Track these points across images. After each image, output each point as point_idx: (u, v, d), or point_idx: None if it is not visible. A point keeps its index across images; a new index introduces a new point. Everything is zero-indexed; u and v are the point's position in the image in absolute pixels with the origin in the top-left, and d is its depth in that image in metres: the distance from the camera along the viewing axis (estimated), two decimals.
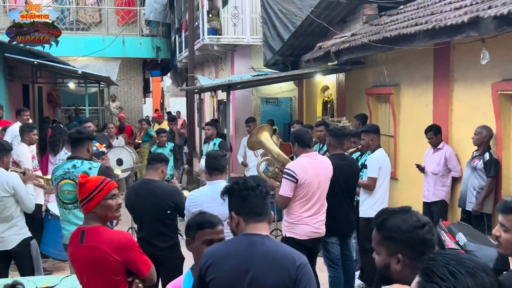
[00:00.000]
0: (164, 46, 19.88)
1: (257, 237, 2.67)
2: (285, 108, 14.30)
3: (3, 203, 5.23)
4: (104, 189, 3.34)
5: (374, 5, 9.18)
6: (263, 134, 6.10)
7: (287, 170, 5.25)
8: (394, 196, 7.69)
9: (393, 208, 2.32)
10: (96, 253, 3.26)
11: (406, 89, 8.03)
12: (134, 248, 3.36)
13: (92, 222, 3.34)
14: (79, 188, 3.33)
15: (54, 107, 18.74)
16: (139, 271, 3.37)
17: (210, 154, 4.81)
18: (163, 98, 32.84)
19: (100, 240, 3.28)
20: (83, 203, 3.33)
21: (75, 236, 3.38)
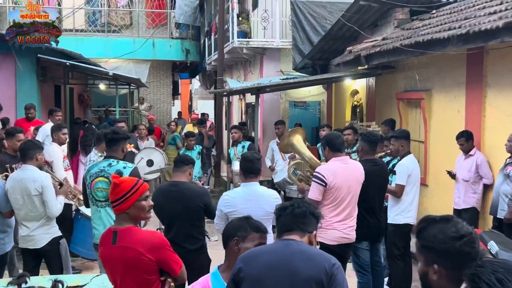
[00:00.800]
0: (193, 48, 20.01)
1: (291, 241, 2.83)
2: (313, 112, 14.24)
3: (33, 201, 5.32)
4: (138, 190, 3.37)
5: (406, 9, 9.10)
6: (295, 137, 6.10)
7: (316, 174, 5.23)
8: (424, 203, 7.60)
9: (435, 216, 2.26)
10: (130, 253, 3.28)
11: (437, 94, 7.93)
12: (166, 247, 3.39)
13: (124, 223, 3.37)
14: (114, 188, 3.34)
15: (85, 108, 19.00)
16: (171, 270, 3.41)
17: (246, 157, 4.83)
18: (191, 101, 33.02)
19: (134, 240, 3.30)
20: (117, 203, 3.34)
21: (106, 237, 3.41)
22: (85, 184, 5.15)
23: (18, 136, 6.79)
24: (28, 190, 5.30)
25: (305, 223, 2.92)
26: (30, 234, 5.37)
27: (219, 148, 14.38)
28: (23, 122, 9.69)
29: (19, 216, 5.39)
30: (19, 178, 5.36)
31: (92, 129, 10.23)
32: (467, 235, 2.12)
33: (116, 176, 3.41)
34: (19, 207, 5.34)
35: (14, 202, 5.35)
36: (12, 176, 5.50)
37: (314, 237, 2.92)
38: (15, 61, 11.92)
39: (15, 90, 12.08)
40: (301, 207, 2.96)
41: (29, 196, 5.31)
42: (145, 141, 11.35)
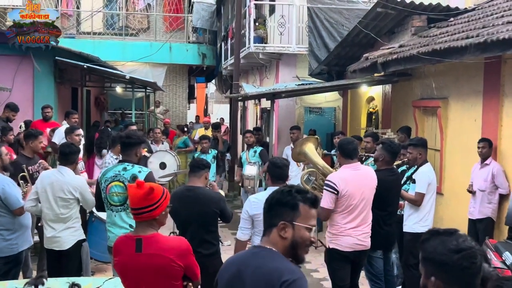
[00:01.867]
0: (210, 53, 20.08)
1: (259, 249, 2.58)
2: (328, 118, 14.21)
3: (65, 204, 5.38)
4: (167, 196, 3.38)
5: (423, 16, 9.05)
6: (308, 146, 6.09)
7: (328, 182, 5.24)
8: (439, 212, 7.54)
9: (440, 228, 2.24)
10: (160, 261, 3.25)
11: (454, 103, 7.87)
12: (191, 252, 3.40)
13: (149, 230, 3.32)
14: (147, 194, 3.26)
15: (101, 110, 19.15)
16: (194, 275, 3.43)
17: (276, 163, 4.87)
18: (207, 105, 33.13)
19: (162, 247, 3.28)
20: (150, 209, 3.27)
21: (126, 245, 3.34)
22: (100, 188, 5.18)
23: (40, 139, 6.89)
24: (62, 193, 5.35)
25: (271, 217, 2.57)
26: (56, 236, 5.42)
27: (233, 152, 14.40)
28: (40, 124, 9.79)
29: (46, 216, 5.42)
30: (54, 179, 5.40)
31: (108, 132, 10.31)
32: (466, 249, 2.08)
33: (142, 182, 3.32)
34: (48, 207, 5.38)
35: (44, 202, 5.39)
36: (46, 175, 5.52)
37: (280, 230, 2.51)
38: (33, 64, 12.05)
39: (32, 92, 12.22)
40: (268, 200, 2.61)
41: (61, 199, 5.36)
42: (160, 144, 11.39)
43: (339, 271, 5.36)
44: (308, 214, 2.53)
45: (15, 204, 5.46)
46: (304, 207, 2.52)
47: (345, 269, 5.35)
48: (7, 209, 5.44)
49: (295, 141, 10.20)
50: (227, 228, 10.03)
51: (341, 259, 5.30)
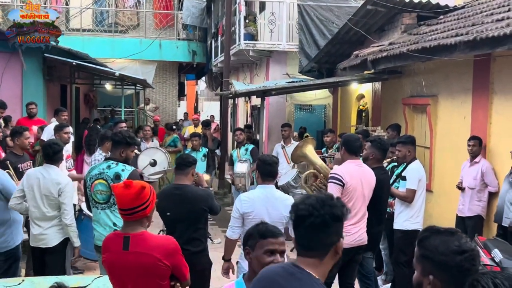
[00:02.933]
0: (200, 50, 20.03)
1: (297, 270, 2.26)
2: (318, 115, 14.22)
3: (51, 203, 5.34)
4: (154, 192, 3.36)
5: (413, 14, 9.07)
6: (307, 148, 6.11)
7: (333, 175, 5.19)
8: (428, 209, 7.56)
9: (440, 227, 2.23)
10: (146, 259, 3.23)
11: (444, 100, 7.90)
12: (179, 252, 3.38)
13: (138, 228, 3.30)
14: (139, 194, 3.22)
15: (91, 107, 19.05)
16: (182, 275, 3.41)
17: (265, 160, 4.84)
18: (197, 102, 33.07)
19: (150, 246, 3.25)
20: (141, 208, 3.24)
21: (114, 243, 3.32)
22: (86, 186, 5.15)
23: (26, 135, 6.81)
24: (48, 191, 5.31)
25: (328, 235, 2.25)
26: (42, 233, 5.38)
27: (223, 150, 14.37)
28: (25, 121, 9.68)
29: (33, 214, 5.38)
30: (41, 177, 5.36)
31: (97, 129, 10.24)
32: (468, 251, 2.09)
33: (130, 181, 3.28)
34: (35, 205, 5.34)
35: (30, 200, 5.35)
36: (31, 174, 5.47)
37: (339, 248, 2.26)
38: (21, 61, 11.95)
39: (21, 89, 12.12)
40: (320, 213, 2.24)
41: (47, 196, 5.33)
42: (150, 142, 11.34)
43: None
44: None
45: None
46: None
47: (336, 267, 5.35)
48: (2, 202, 5.40)
49: (286, 138, 10.21)
50: (218, 226, 10.02)
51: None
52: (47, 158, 5.50)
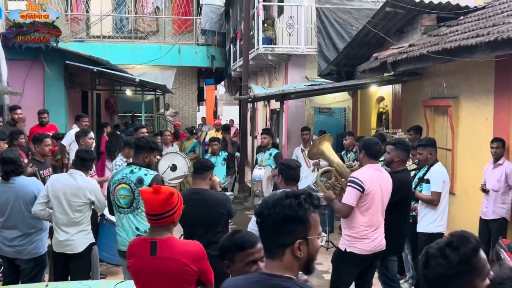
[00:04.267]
0: (219, 55, 20.09)
1: (262, 276, 2.20)
2: (338, 118, 14.16)
3: (79, 209, 5.39)
4: (181, 198, 3.37)
5: (433, 15, 9.00)
6: (325, 145, 6.04)
7: (353, 179, 5.10)
8: (451, 212, 7.47)
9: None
10: (174, 264, 3.23)
11: (465, 102, 7.82)
12: (205, 257, 3.40)
13: (165, 233, 3.31)
14: (167, 199, 3.22)
15: (112, 113, 19.21)
16: (207, 280, 3.41)
17: (289, 164, 4.87)
18: (216, 106, 33.16)
19: (177, 251, 3.25)
20: (170, 213, 3.25)
21: (141, 248, 3.32)
22: (109, 190, 5.19)
23: (46, 141, 6.87)
24: (76, 198, 5.36)
25: (280, 236, 2.16)
26: (69, 239, 5.41)
27: (243, 154, 14.38)
28: (37, 129, 9.73)
29: (59, 221, 5.40)
30: (67, 184, 5.40)
31: (117, 135, 10.32)
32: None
33: (158, 187, 3.27)
34: (61, 211, 5.38)
35: (57, 207, 5.38)
36: (57, 180, 5.51)
37: (296, 250, 2.14)
38: (43, 68, 12.11)
39: (43, 96, 12.29)
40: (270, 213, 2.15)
41: (76, 203, 5.37)
42: (170, 147, 11.40)
43: (347, 274, 5.30)
44: (317, 222, 2.20)
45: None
46: (313, 216, 2.18)
47: (353, 274, 5.31)
48: None
49: (307, 142, 10.19)
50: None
51: (356, 263, 5.22)
52: (78, 163, 5.55)
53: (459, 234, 2.06)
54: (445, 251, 2.01)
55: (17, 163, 5.45)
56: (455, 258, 1.98)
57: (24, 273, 5.51)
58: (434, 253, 2.03)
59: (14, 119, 9.29)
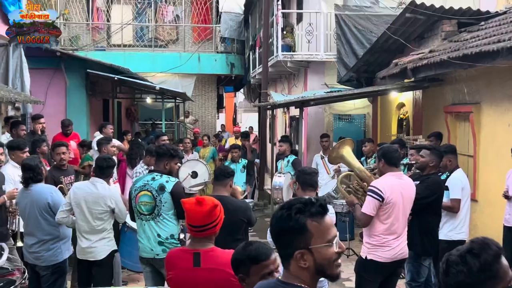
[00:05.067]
0: (238, 62, 20.18)
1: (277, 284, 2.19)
2: (358, 125, 14.10)
3: (100, 216, 5.44)
4: (222, 208, 3.36)
5: (453, 21, 8.94)
6: (345, 149, 5.99)
7: (373, 188, 5.07)
8: (473, 219, 7.40)
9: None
10: (219, 275, 3.23)
11: (487, 108, 7.74)
12: None
13: (208, 244, 3.32)
14: (211, 211, 3.23)
15: (132, 121, 19.38)
16: None
17: (304, 170, 4.91)
18: (235, 114, 33.27)
19: (222, 262, 3.23)
20: (212, 225, 3.26)
21: (183, 259, 3.32)
22: (131, 197, 5.24)
23: (58, 149, 7.00)
24: (97, 205, 5.42)
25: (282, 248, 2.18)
26: (91, 246, 5.48)
27: (262, 161, 14.39)
28: (60, 137, 9.82)
29: (81, 228, 5.48)
30: (89, 191, 5.47)
31: (138, 142, 10.40)
32: None
33: (202, 198, 3.27)
34: (83, 219, 5.44)
35: (78, 214, 5.44)
36: (79, 188, 5.59)
37: (298, 260, 2.11)
38: (65, 77, 12.27)
39: (65, 104, 12.45)
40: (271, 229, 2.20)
41: (97, 211, 5.43)
42: (190, 154, 11.46)
43: (368, 282, 5.26)
44: (322, 228, 2.11)
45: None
46: (312, 223, 2.10)
47: (375, 282, 5.27)
48: (52, 217, 5.54)
49: (326, 149, 10.16)
50: (258, 237, 10.02)
51: (378, 271, 5.19)
52: (98, 171, 5.62)
53: (480, 241, 2.03)
54: (465, 258, 1.98)
55: (35, 171, 5.53)
56: (476, 265, 1.95)
57: (43, 280, 5.58)
58: (455, 260, 2.01)
59: (35, 131, 9.35)
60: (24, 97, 9.48)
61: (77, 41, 19.62)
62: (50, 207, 5.52)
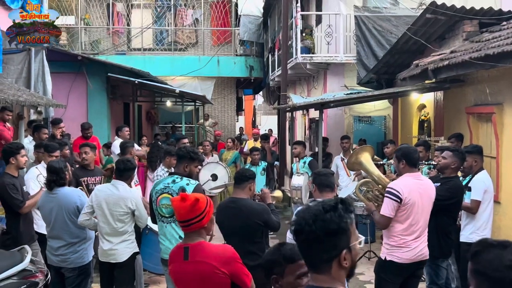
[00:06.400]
0: (257, 65, 20.20)
1: None
2: (378, 127, 14.01)
3: (121, 218, 5.49)
4: (211, 204, 3.49)
5: (474, 21, 8.84)
6: (363, 155, 5.96)
7: (390, 190, 5.07)
8: (496, 221, 7.30)
9: (492, 240, 2.16)
10: (204, 268, 3.35)
11: (509, 108, 7.63)
12: (237, 260, 3.48)
13: (196, 238, 3.44)
14: (193, 205, 3.37)
15: (152, 124, 19.51)
16: (243, 283, 3.47)
17: (319, 171, 4.91)
18: (255, 116, 33.29)
19: (207, 254, 3.38)
20: (198, 219, 3.39)
21: (177, 254, 3.48)
22: (152, 200, 5.28)
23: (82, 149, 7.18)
24: (118, 207, 5.46)
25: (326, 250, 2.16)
26: (113, 248, 5.53)
27: (282, 163, 14.37)
28: (80, 141, 9.90)
29: (103, 230, 5.53)
30: (110, 193, 5.52)
31: (158, 145, 10.47)
32: None
33: (185, 195, 3.44)
34: (104, 221, 5.49)
35: (100, 216, 5.50)
36: (100, 190, 5.64)
37: (342, 260, 2.15)
38: (86, 80, 12.40)
39: (86, 108, 12.58)
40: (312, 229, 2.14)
41: (118, 213, 5.47)
42: (210, 157, 11.49)
43: (388, 283, 5.23)
44: (354, 228, 2.21)
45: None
46: (351, 223, 2.18)
47: (395, 283, 5.23)
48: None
49: (347, 150, 10.12)
50: (278, 240, 10.01)
51: (396, 272, 5.17)
52: (117, 174, 5.67)
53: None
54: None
55: (59, 174, 5.60)
56: None
57: (68, 282, 5.63)
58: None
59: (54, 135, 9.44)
60: (46, 100, 9.59)
61: (98, 45, 19.82)
62: (79, 210, 5.58)
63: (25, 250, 5.58)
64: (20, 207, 5.97)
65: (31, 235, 6.24)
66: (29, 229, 6.22)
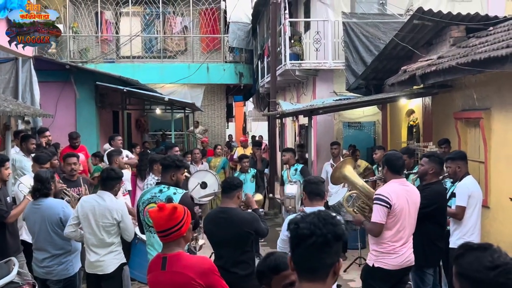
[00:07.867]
0: (246, 72, 20.21)
1: None
2: (368, 132, 14.05)
3: (108, 229, 5.42)
4: (189, 212, 3.49)
5: (461, 27, 8.89)
6: (346, 168, 5.98)
7: (379, 196, 5.08)
8: (486, 225, 7.32)
9: (474, 243, 2.22)
10: (180, 278, 3.34)
11: (497, 113, 7.67)
12: (215, 272, 3.46)
13: (175, 248, 3.43)
14: (171, 214, 3.37)
15: (142, 132, 19.44)
16: None
17: (310, 179, 4.88)
18: (245, 123, 33.29)
19: (184, 265, 3.36)
20: (176, 228, 3.38)
21: (155, 264, 3.49)
22: (139, 210, 5.24)
23: (69, 160, 7.04)
24: (104, 218, 5.39)
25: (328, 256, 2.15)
26: (100, 260, 5.46)
27: (272, 170, 14.36)
28: (68, 150, 9.81)
29: (89, 241, 5.46)
30: (95, 204, 5.43)
31: (147, 154, 10.41)
32: (502, 265, 2.07)
33: (163, 205, 3.44)
34: (90, 232, 5.42)
35: (86, 228, 5.42)
36: (86, 201, 5.55)
37: (338, 269, 2.17)
38: (74, 89, 12.34)
39: (75, 117, 12.51)
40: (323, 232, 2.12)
41: (104, 224, 5.39)
42: (200, 165, 11.44)
43: None
44: None
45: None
46: None
47: None
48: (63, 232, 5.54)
49: (336, 157, 10.12)
50: (269, 247, 9.98)
51: (385, 278, 5.17)
52: (102, 184, 5.62)
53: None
54: None
55: (44, 184, 5.56)
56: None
57: None
58: None
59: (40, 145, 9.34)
60: (33, 111, 9.52)
61: (86, 53, 19.76)
62: (62, 222, 5.53)
63: (12, 262, 5.51)
64: (4, 218, 5.91)
65: (17, 246, 6.18)
66: (15, 240, 6.16)
